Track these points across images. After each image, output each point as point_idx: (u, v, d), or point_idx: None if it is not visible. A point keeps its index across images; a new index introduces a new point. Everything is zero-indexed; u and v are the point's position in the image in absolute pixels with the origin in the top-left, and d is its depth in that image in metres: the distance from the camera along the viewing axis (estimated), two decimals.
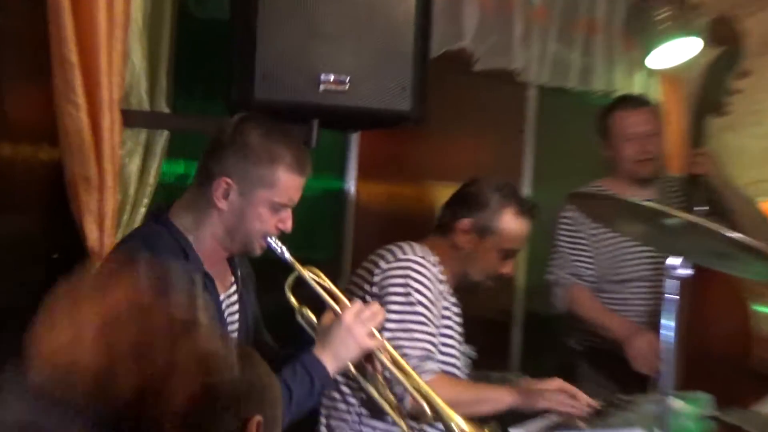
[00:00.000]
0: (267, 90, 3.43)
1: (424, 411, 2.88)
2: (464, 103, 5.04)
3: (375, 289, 3.36)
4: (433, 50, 3.92)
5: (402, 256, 3.37)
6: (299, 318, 2.94)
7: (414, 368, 3.14)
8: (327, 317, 2.88)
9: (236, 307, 2.89)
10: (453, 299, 3.51)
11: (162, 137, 3.74)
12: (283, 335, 3.09)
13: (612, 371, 4.28)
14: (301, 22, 3.44)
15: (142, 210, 3.66)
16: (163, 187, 3.79)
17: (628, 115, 4.41)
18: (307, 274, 2.88)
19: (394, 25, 3.56)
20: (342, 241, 4.70)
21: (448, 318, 3.45)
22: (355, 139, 4.67)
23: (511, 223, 3.48)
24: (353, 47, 3.54)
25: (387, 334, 3.20)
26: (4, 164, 3.38)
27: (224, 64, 3.59)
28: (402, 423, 2.97)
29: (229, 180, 2.74)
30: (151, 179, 3.71)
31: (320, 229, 4.71)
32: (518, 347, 5.36)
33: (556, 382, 3.38)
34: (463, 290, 3.55)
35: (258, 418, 1.62)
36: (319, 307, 2.95)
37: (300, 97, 3.47)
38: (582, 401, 3.29)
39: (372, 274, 3.39)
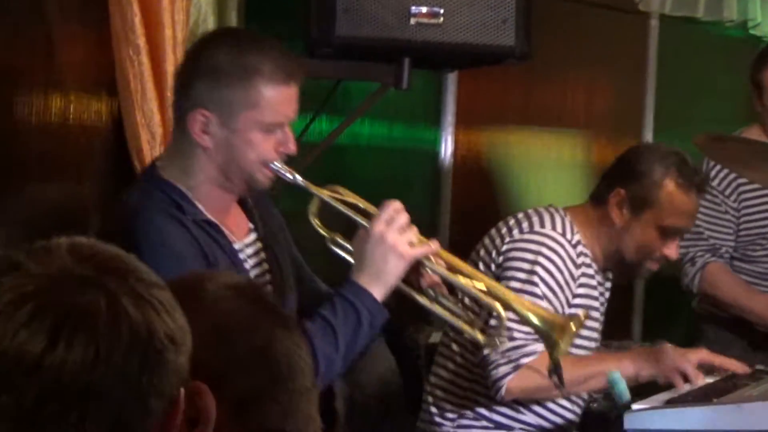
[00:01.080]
0: (350, 25, 3.43)
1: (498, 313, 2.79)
2: (575, 37, 5.01)
3: (500, 259, 3.36)
4: None
5: (539, 229, 3.36)
6: (332, 246, 2.80)
7: (517, 347, 3.17)
8: (360, 236, 2.74)
9: (262, 255, 2.80)
10: (599, 278, 3.47)
11: None
12: None
13: (746, 338, 4.26)
14: None
15: None
16: None
17: None
18: (327, 194, 2.75)
19: None
20: (439, 200, 4.67)
21: (586, 306, 3.39)
22: (452, 81, 4.64)
23: (672, 195, 3.37)
24: None
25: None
26: (55, 118, 3.36)
27: None
28: (478, 335, 2.84)
29: (204, 111, 2.63)
30: None
31: (413, 186, 4.71)
32: (640, 313, 5.36)
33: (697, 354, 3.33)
34: (618, 273, 3.52)
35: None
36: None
37: (388, 33, 3.46)
38: (697, 378, 3.24)
39: (502, 240, 3.38)
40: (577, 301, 3.38)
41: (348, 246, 2.76)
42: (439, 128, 4.66)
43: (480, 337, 2.81)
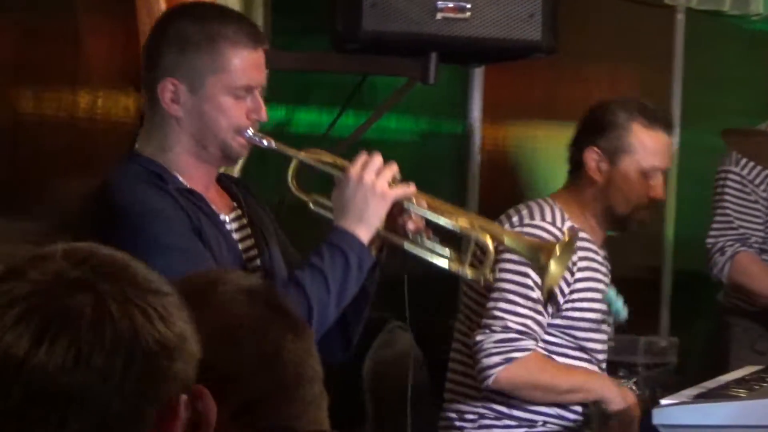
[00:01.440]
0: (377, 20, 3.44)
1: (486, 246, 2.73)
2: (601, 31, 5.02)
3: None
4: None
5: (528, 221, 3.37)
6: (315, 208, 2.75)
7: (511, 340, 3.21)
8: (338, 184, 2.72)
9: (248, 231, 2.77)
10: (600, 258, 3.48)
11: None
12: None
13: None
14: None
15: (241, 160, 3.59)
16: None
17: None
18: (304, 155, 2.74)
19: None
20: (466, 194, 4.67)
21: (589, 289, 3.41)
22: (478, 75, 4.64)
23: (643, 136, 3.43)
24: None
25: (489, 303, 3.25)
26: (83, 113, 3.36)
27: None
28: (467, 271, 2.77)
29: (173, 80, 2.62)
30: None
31: (440, 179, 4.69)
32: (668, 308, 5.31)
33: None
34: (617, 229, 3.53)
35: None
36: None
37: (415, 27, 3.48)
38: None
39: None
40: (581, 285, 3.39)
41: (329, 204, 2.73)
42: (466, 123, 4.65)
43: (469, 272, 2.76)
